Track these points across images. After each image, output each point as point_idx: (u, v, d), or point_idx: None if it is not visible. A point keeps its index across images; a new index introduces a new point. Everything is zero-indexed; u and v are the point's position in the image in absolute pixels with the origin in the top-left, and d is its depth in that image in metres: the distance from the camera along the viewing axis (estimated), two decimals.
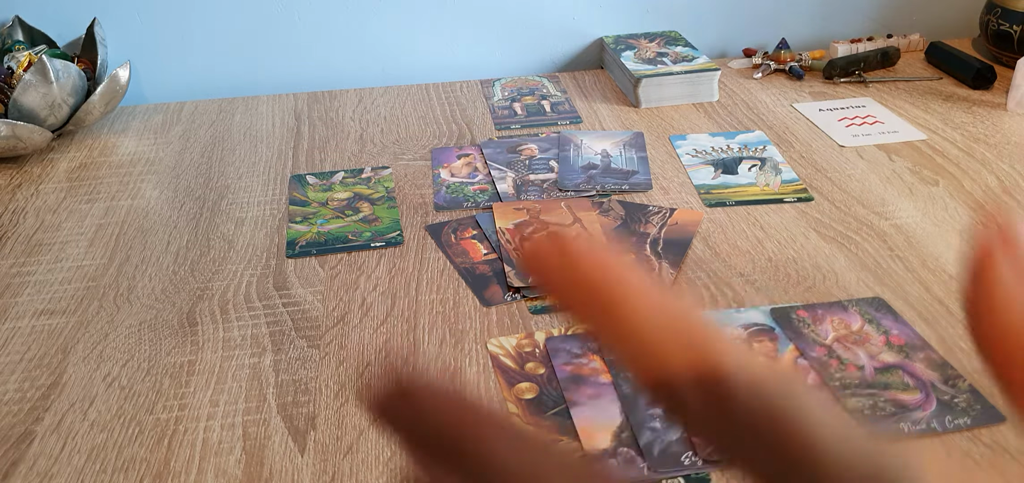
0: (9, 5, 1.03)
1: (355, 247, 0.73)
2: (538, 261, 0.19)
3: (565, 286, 0.19)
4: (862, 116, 0.97)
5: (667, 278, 0.67)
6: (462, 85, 1.10)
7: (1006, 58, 1.08)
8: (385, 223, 0.77)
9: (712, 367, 0.18)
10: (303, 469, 0.51)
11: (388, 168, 0.87)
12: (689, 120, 0.97)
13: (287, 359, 0.60)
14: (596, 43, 1.17)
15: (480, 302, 0.66)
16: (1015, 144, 0.89)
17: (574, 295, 0.19)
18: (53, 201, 0.84)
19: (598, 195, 0.81)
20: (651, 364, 0.19)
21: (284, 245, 0.74)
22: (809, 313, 0.63)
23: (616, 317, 0.19)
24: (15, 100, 0.88)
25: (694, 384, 0.18)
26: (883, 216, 0.76)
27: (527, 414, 0.54)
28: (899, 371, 0.57)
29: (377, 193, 0.82)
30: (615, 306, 0.19)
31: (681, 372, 0.18)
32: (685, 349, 0.19)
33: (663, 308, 0.19)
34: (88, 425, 0.55)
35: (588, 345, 0.58)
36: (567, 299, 0.19)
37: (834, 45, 1.13)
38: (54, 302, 0.68)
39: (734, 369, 0.18)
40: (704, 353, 0.18)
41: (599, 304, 0.19)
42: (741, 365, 0.18)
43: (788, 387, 0.18)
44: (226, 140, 0.96)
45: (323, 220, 0.77)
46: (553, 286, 0.19)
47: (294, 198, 0.82)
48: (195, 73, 1.10)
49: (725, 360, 0.18)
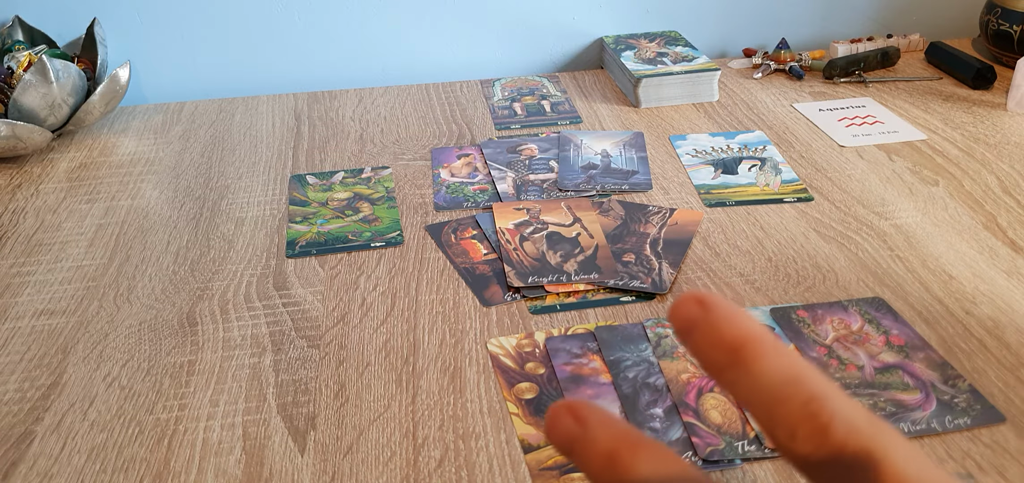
0: (9, 5, 1.03)
1: (355, 247, 0.73)
2: (682, 317, 0.23)
3: (707, 340, 0.22)
4: (862, 116, 0.97)
5: (667, 278, 0.67)
6: (462, 85, 1.10)
7: (1006, 58, 1.08)
8: (385, 223, 0.77)
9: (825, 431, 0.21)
10: (303, 469, 0.51)
11: (388, 168, 0.87)
12: (689, 120, 0.97)
13: (287, 359, 0.60)
14: (596, 43, 1.17)
15: (480, 302, 0.66)
16: (1015, 144, 0.89)
17: (713, 349, 0.22)
18: (53, 201, 0.84)
19: (598, 195, 0.81)
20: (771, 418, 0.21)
21: (284, 245, 0.74)
22: (809, 313, 0.63)
23: (747, 372, 0.22)
24: (15, 100, 0.88)
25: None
26: (883, 216, 0.76)
27: (527, 414, 0.54)
28: (899, 371, 0.57)
29: (377, 193, 0.82)
30: (747, 362, 0.22)
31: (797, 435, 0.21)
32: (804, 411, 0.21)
33: (789, 369, 0.21)
34: (88, 425, 0.55)
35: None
36: (707, 351, 0.22)
37: (834, 45, 1.13)
38: (54, 302, 0.68)
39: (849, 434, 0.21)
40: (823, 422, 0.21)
41: (733, 359, 0.22)
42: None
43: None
44: (226, 140, 0.96)
45: (323, 220, 0.77)
46: (696, 342, 0.22)
47: (294, 198, 0.82)
48: (195, 73, 1.10)
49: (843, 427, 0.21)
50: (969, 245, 0.71)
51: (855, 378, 0.56)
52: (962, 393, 0.55)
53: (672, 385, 0.56)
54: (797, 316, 0.62)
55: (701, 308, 0.22)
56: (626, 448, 0.22)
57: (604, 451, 0.22)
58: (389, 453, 0.52)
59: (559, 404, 0.23)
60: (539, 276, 0.68)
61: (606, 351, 0.59)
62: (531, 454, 0.51)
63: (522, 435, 0.53)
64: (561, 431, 0.23)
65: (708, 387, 0.56)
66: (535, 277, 0.68)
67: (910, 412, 0.53)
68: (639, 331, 0.61)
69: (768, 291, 0.66)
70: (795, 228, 0.75)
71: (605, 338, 0.61)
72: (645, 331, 0.61)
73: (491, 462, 0.51)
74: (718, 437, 0.52)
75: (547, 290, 0.66)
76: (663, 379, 0.57)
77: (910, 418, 0.53)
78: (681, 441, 0.52)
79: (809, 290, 0.66)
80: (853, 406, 0.21)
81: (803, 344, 0.60)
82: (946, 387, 0.55)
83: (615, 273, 0.68)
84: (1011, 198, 0.79)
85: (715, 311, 0.22)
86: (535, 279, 0.67)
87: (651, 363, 0.58)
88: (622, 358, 0.59)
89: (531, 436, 0.53)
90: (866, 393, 0.55)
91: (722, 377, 0.23)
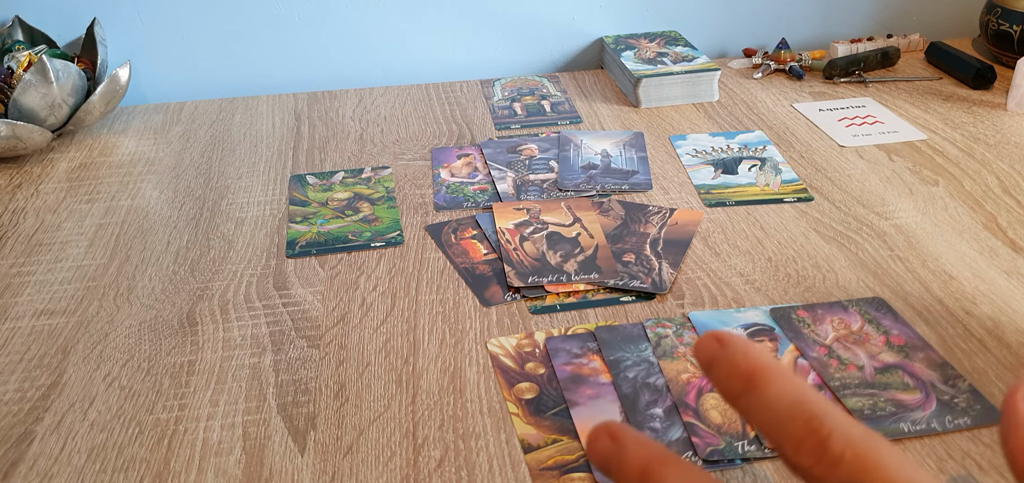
0: (9, 5, 1.03)
1: (355, 247, 0.73)
2: (704, 353, 0.27)
3: (725, 371, 0.26)
4: (862, 116, 0.97)
5: (667, 278, 0.67)
6: (462, 85, 1.10)
7: (1006, 58, 1.08)
8: (385, 223, 0.77)
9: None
10: (303, 469, 0.51)
11: (388, 168, 0.87)
12: (689, 120, 0.97)
13: (287, 359, 0.60)
14: (596, 43, 1.17)
15: (480, 302, 0.66)
16: (1015, 144, 0.89)
17: (731, 379, 0.26)
18: (53, 201, 0.84)
19: (598, 195, 0.81)
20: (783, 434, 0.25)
21: (284, 245, 0.74)
22: (809, 313, 0.63)
23: (759, 396, 0.25)
24: (15, 100, 0.88)
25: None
26: (883, 216, 0.76)
27: (527, 414, 0.54)
28: (899, 371, 0.57)
29: (377, 193, 0.82)
30: (759, 388, 0.25)
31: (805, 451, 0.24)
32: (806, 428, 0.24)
33: (794, 392, 0.25)
34: (88, 425, 0.55)
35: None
36: (726, 381, 0.26)
37: (834, 45, 1.13)
38: (54, 302, 0.68)
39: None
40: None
41: (747, 386, 0.25)
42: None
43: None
44: (226, 140, 0.96)
45: (323, 220, 0.77)
46: (717, 374, 0.26)
47: (294, 198, 0.82)
48: (195, 73, 1.10)
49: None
50: (969, 245, 0.71)
51: (855, 378, 0.56)
52: (962, 393, 0.55)
53: (672, 385, 0.56)
54: (797, 316, 0.62)
55: (719, 344, 0.26)
56: (657, 464, 0.25)
57: (638, 467, 0.25)
58: (389, 453, 0.52)
59: (598, 427, 0.26)
60: (539, 276, 0.68)
61: (606, 351, 0.59)
62: (531, 454, 0.51)
63: (522, 435, 0.53)
64: (600, 450, 0.26)
65: (708, 387, 0.56)
66: (535, 277, 0.68)
67: (910, 412, 0.53)
68: (639, 331, 0.61)
69: (768, 291, 0.66)
70: (795, 228, 0.75)
71: (605, 338, 0.61)
72: (645, 331, 0.61)
73: (491, 462, 0.51)
74: (718, 437, 0.52)
75: (547, 290, 0.66)
76: (663, 379, 0.57)
77: (910, 418, 0.53)
78: (681, 441, 0.52)
79: (809, 290, 0.66)
80: (850, 422, 0.24)
81: (803, 344, 0.60)
82: (946, 387, 0.55)
83: (615, 273, 0.68)
84: (1011, 198, 0.79)
85: (731, 346, 0.26)
86: (535, 279, 0.67)
87: (651, 363, 0.58)
88: (622, 358, 0.59)
89: (531, 436, 0.53)
90: (866, 393, 0.55)
91: (739, 404, 0.26)
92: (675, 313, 0.64)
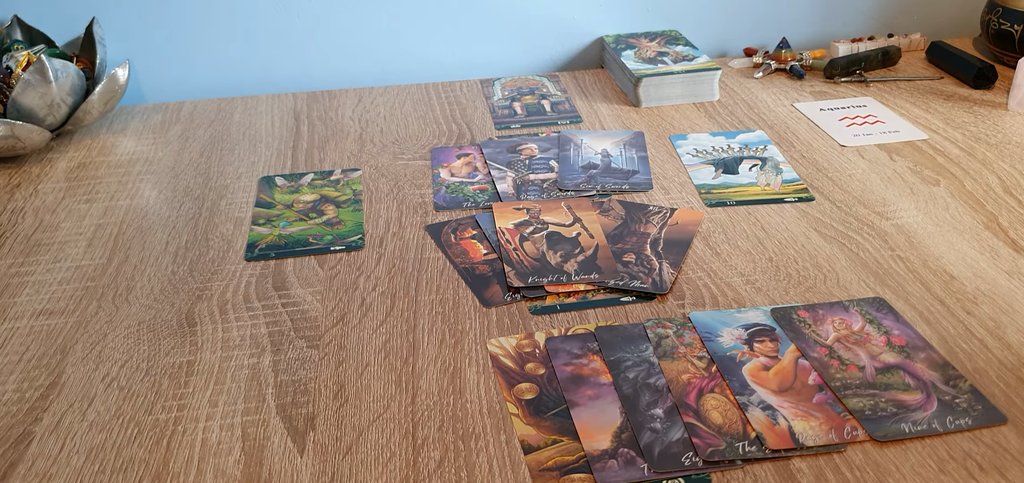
0: (8, 5, 1.03)
1: (315, 251, 0.73)
2: None
3: None
4: (863, 116, 0.97)
5: (668, 278, 0.67)
6: (462, 85, 1.10)
7: (1007, 57, 1.08)
8: (348, 226, 0.76)
9: None
10: (302, 469, 0.51)
11: (358, 170, 0.87)
12: (689, 120, 0.97)
13: (286, 359, 0.60)
14: (596, 42, 1.16)
15: (480, 302, 0.65)
16: (1016, 144, 0.89)
17: None
18: (52, 201, 0.84)
19: (598, 195, 0.81)
20: None
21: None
22: (810, 313, 0.63)
23: None
24: (14, 99, 0.88)
25: None
26: (884, 216, 0.76)
27: (527, 415, 0.54)
28: (900, 371, 0.57)
29: (344, 195, 0.82)
30: None
31: None
32: None
33: None
34: (87, 425, 0.55)
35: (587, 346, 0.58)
36: None
37: (835, 44, 1.13)
38: (53, 302, 0.67)
39: None
40: None
41: None
42: None
43: None
44: (225, 140, 0.96)
45: (286, 223, 0.77)
46: None
47: (260, 199, 0.81)
48: (194, 73, 1.10)
49: None
50: (970, 245, 0.71)
51: (856, 378, 0.56)
52: (963, 393, 0.55)
53: (673, 385, 0.56)
54: (798, 316, 0.62)
55: None
56: None
57: None
58: (389, 454, 0.52)
59: None
60: (539, 276, 0.68)
61: (606, 351, 0.59)
62: (531, 454, 0.51)
63: (522, 435, 0.53)
64: None
65: (709, 388, 0.56)
66: (535, 277, 0.67)
67: (911, 412, 0.53)
68: (639, 331, 0.61)
69: (769, 291, 0.66)
70: (796, 228, 0.74)
71: (605, 338, 0.60)
72: (645, 331, 0.61)
73: (491, 463, 0.51)
74: (718, 437, 0.52)
75: (547, 290, 0.66)
76: (664, 379, 0.56)
77: (911, 418, 0.53)
78: (681, 441, 0.51)
79: (810, 290, 0.66)
80: None
81: (804, 344, 0.59)
82: (947, 387, 0.55)
83: (615, 273, 0.68)
84: (1012, 198, 0.78)
85: None
86: (535, 279, 0.67)
87: (652, 363, 0.58)
88: (622, 358, 0.58)
89: (531, 436, 0.52)
90: (867, 393, 0.55)
91: None
92: (676, 313, 0.64)
